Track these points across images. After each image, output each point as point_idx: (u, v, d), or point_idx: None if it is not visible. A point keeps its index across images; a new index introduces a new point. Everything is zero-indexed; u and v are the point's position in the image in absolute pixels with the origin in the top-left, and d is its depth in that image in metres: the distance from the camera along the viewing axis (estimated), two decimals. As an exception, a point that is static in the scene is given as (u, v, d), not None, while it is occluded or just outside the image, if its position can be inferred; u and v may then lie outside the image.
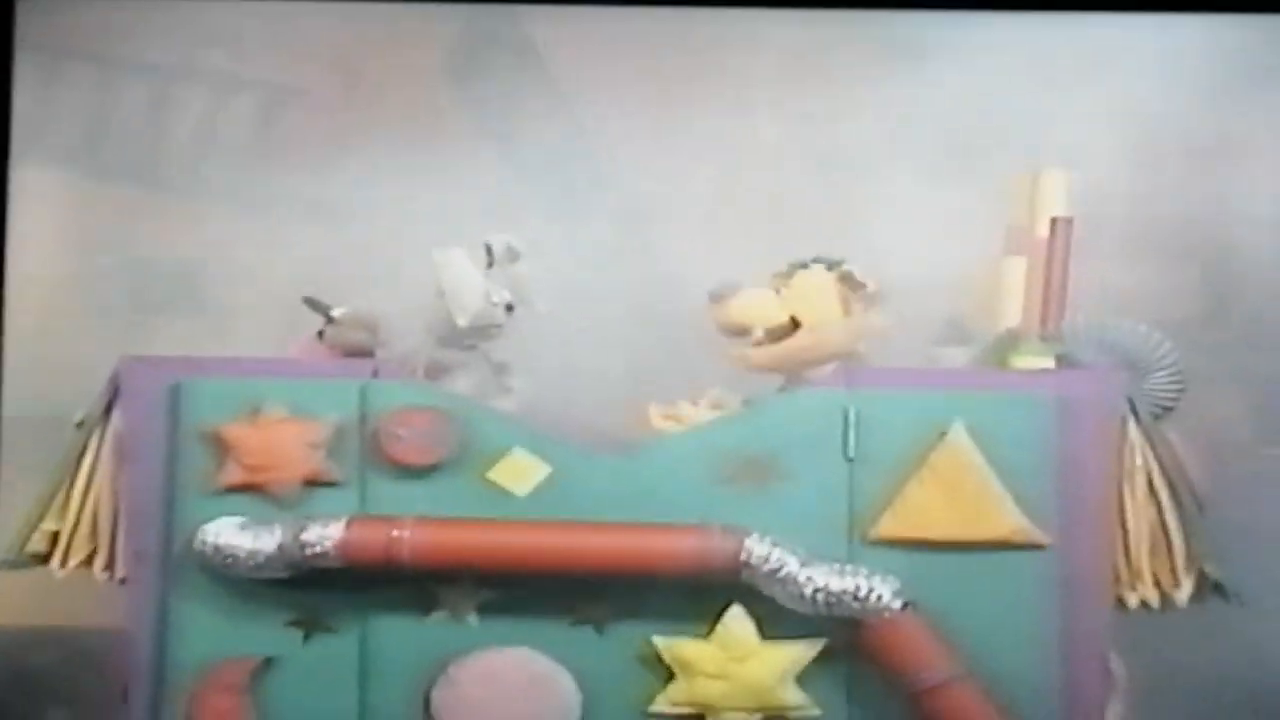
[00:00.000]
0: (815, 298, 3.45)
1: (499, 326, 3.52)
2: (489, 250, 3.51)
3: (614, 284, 4.11)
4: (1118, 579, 3.27)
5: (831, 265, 3.47)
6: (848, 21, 4.01)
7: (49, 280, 4.31)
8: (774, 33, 4.05)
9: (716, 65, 4.10)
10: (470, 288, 3.45)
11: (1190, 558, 3.28)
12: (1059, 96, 4.03)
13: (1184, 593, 3.28)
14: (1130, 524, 3.28)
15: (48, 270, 4.31)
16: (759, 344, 3.46)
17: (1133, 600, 3.29)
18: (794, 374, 3.45)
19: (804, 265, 3.48)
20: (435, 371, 3.49)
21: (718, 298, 3.50)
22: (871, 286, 3.45)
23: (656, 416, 3.48)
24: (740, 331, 3.50)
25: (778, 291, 3.49)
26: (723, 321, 3.51)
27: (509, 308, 3.52)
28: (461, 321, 3.46)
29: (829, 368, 3.41)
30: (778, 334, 3.47)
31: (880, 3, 3.97)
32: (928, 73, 4.07)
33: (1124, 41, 4.09)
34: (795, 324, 3.46)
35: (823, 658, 3.22)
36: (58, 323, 4.27)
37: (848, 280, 3.45)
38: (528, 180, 4.18)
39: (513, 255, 3.52)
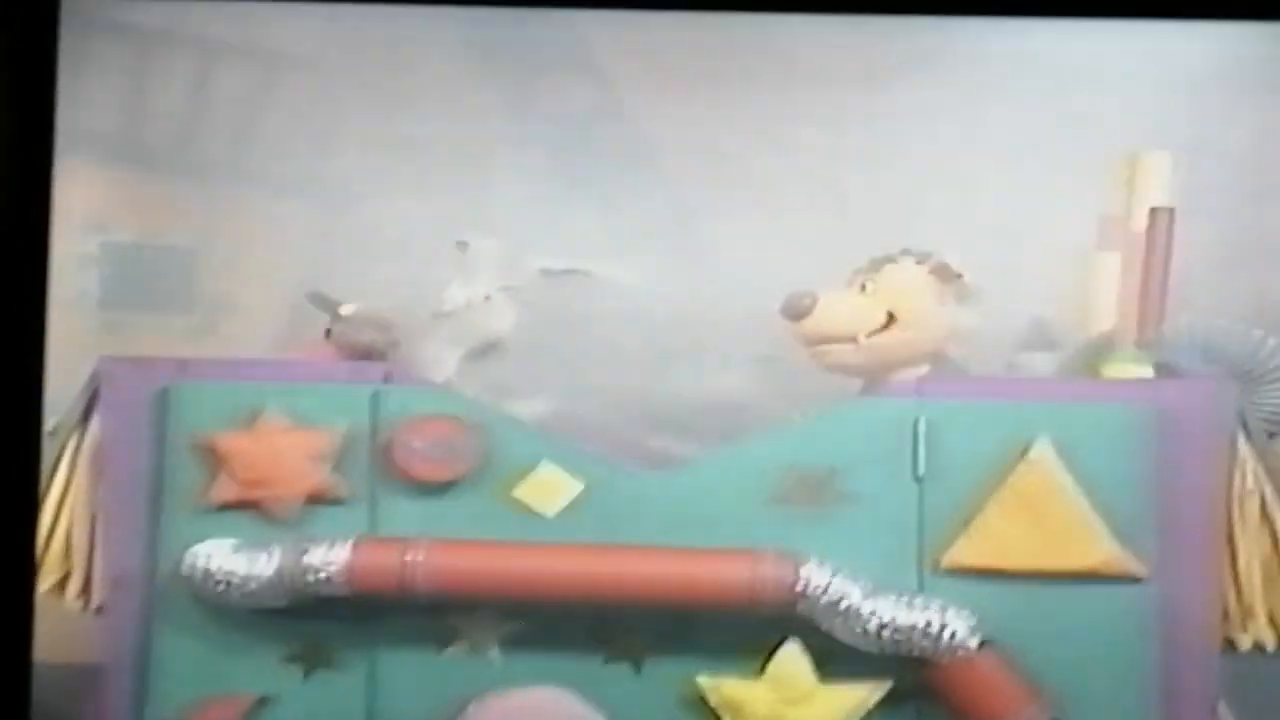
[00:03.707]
0: (909, 292, 3.48)
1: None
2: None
3: (660, 284, 4.09)
4: (1227, 617, 3.24)
5: (921, 258, 3.50)
6: (909, 27, 4.04)
7: (14, 269, 4.29)
8: (832, 35, 4.06)
9: (773, 64, 4.09)
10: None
11: (1312, 593, 3.29)
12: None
13: (1305, 634, 3.29)
14: (1241, 554, 3.25)
15: (12, 258, 4.29)
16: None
17: (1244, 642, 3.25)
18: (880, 376, 3.46)
19: (890, 259, 3.51)
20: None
21: (799, 310, 3.50)
22: (967, 279, 3.47)
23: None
24: (832, 339, 3.51)
25: (863, 288, 3.51)
26: (812, 331, 3.52)
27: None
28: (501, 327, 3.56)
29: (922, 368, 3.43)
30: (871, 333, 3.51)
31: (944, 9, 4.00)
32: (995, 69, 4.08)
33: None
34: (888, 321, 3.49)
35: (888, 701, 3.20)
36: (27, 317, 4.26)
37: (941, 272, 3.47)
38: (558, 163, 4.16)
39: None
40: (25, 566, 3.19)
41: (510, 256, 3.66)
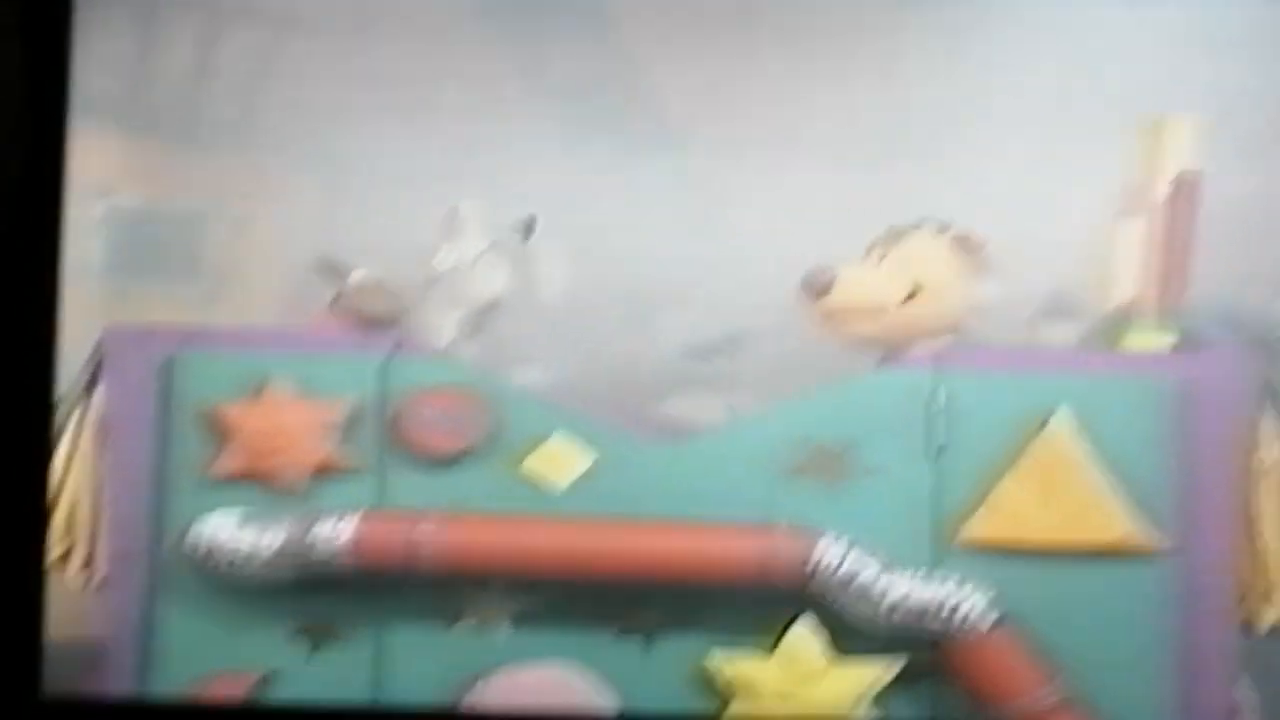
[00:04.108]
0: (931, 262, 3.44)
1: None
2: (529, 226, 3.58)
3: (672, 251, 4.06)
4: (1248, 594, 3.23)
5: (942, 227, 3.45)
6: None
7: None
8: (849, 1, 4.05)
9: (790, 31, 4.06)
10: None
11: (1337, 572, 3.27)
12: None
13: (1328, 612, 3.27)
14: (1262, 530, 3.23)
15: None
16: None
17: (1266, 619, 3.24)
18: (899, 349, 3.42)
19: (910, 229, 3.47)
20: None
21: (821, 287, 3.46)
22: (986, 249, 3.45)
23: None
24: (852, 312, 3.46)
25: (881, 259, 3.47)
26: (836, 307, 3.46)
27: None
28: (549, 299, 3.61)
29: (944, 339, 3.39)
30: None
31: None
32: (1015, 34, 4.05)
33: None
34: (911, 293, 3.45)
35: (902, 680, 3.19)
36: (30, 287, 4.25)
37: (963, 243, 3.44)
38: (569, 131, 4.13)
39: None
40: (36, 543, 3.21)
41: (499, 216, 3.62)
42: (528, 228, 3.56)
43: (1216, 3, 3.82)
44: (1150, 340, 3.34)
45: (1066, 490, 3.18)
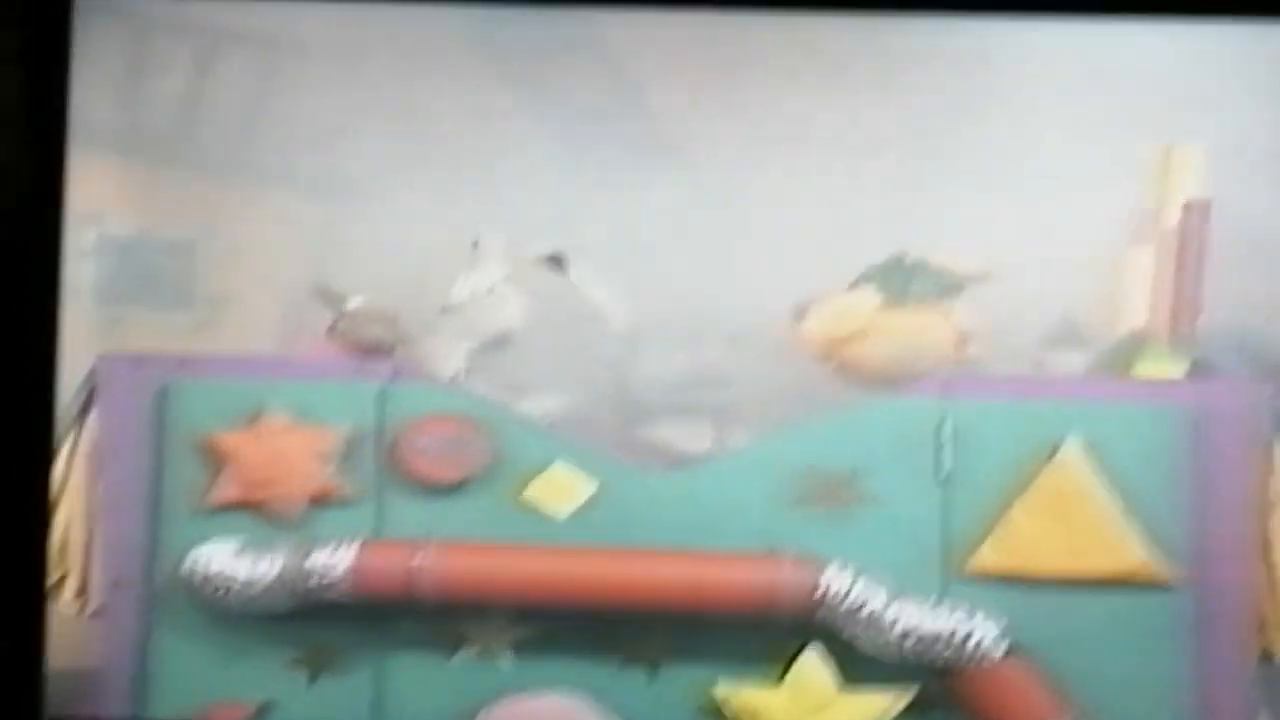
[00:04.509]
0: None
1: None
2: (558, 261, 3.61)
3: (673, 282, 4.06)
4: (1265, 626, 3.21)
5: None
6: (932, 24, 4.04)
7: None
8: (853, 30, 4.05)
9: (792, 59, 4.07)
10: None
11: (1356, 604, 3.26)
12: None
13: (1348, 645, 3.26)
14: (1279, 560, 3.21)
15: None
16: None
17: (1284, 652, 3.26)
18: (892, 381, 3.43)
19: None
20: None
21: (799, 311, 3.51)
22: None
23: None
24: (840, 343, 3.50)
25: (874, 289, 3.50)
26: (814, 334, 3.51)
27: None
28: (617, 325, 3.61)
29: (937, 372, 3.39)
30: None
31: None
32: (1023, 64, 4.08)
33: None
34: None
35: (911, 711, 3.17)
36: (23, 313, 4.24)
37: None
38: (567, 157, 4.13)
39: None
40: (37, 570, 3.20)
41: (516, 249, 3.63)
42: (557, 262, 3.56)
43: (1227, 29, 3.83)
44: (1162, 367, 3.34)
45: (1077, 519, 3.17)
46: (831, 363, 3.52)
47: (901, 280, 3.50)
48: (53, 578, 3.35)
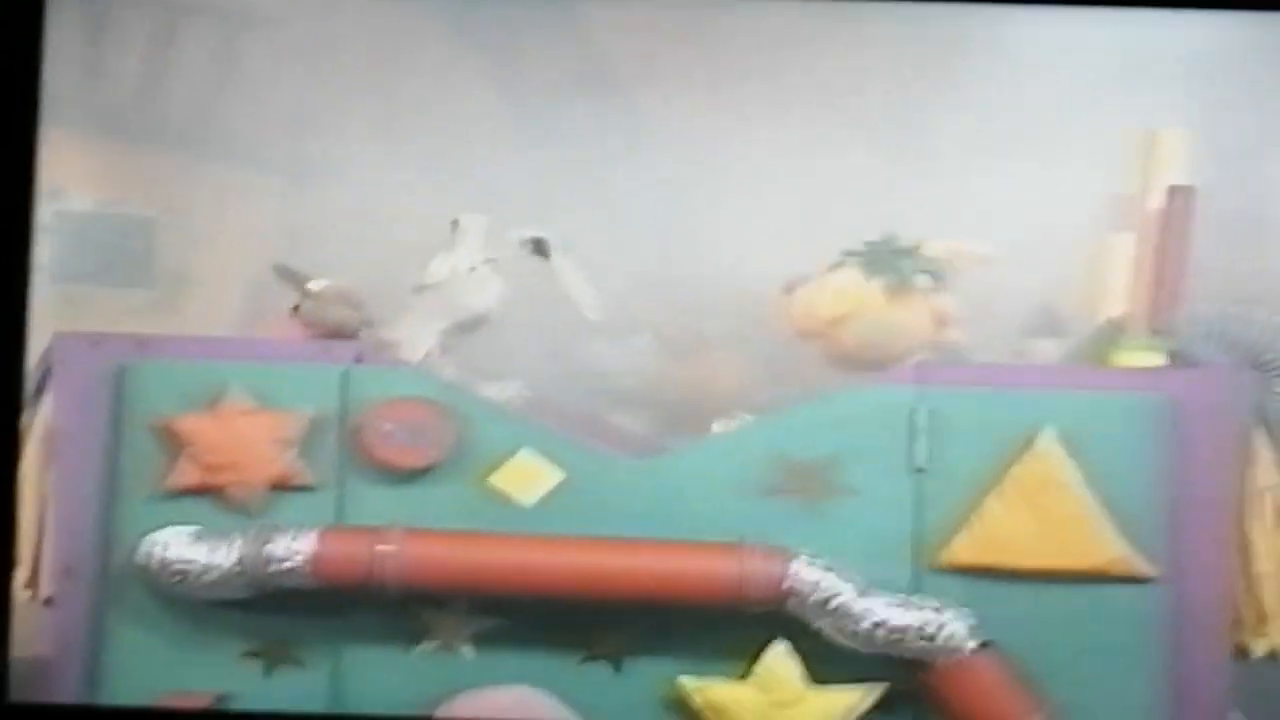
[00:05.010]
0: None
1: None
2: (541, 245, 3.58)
3: (649, 266, 4.05)
4: (1240, 622, 3.21)
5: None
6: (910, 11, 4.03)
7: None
8: (831, 17, 4.04)
9: (769, 44, 4.06)
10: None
11: (1333, 599, 3.25)
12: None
13: (1323, 640, 3.26)
14: (1256, 554, 3.20)
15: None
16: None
17: (1259, 648, 3.22)
18: (870, 364, 3.44)
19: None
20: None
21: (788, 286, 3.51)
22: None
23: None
24: (829, 322, 3.51)
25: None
26: (813, 312, 3.52)
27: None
28: (593, 315, 3.55)
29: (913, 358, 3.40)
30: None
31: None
32: (1001, 50, 4.07)
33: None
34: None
35: (882, 706, 3.16)
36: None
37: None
38: (538, 140, 4.11)
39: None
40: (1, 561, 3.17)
41: (496, 231, 3.61)
42: (540, 247, 3.54)
43: (1210, 18, 3.83)
44: (1140, 357, 3.33)
45: (1053, 511, 3.15)
46: (815, 341, 3.52)
47: (888, 262, 3.49)
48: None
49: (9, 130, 3.13)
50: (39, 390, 3.34)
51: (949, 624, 3.09)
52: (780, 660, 3.15)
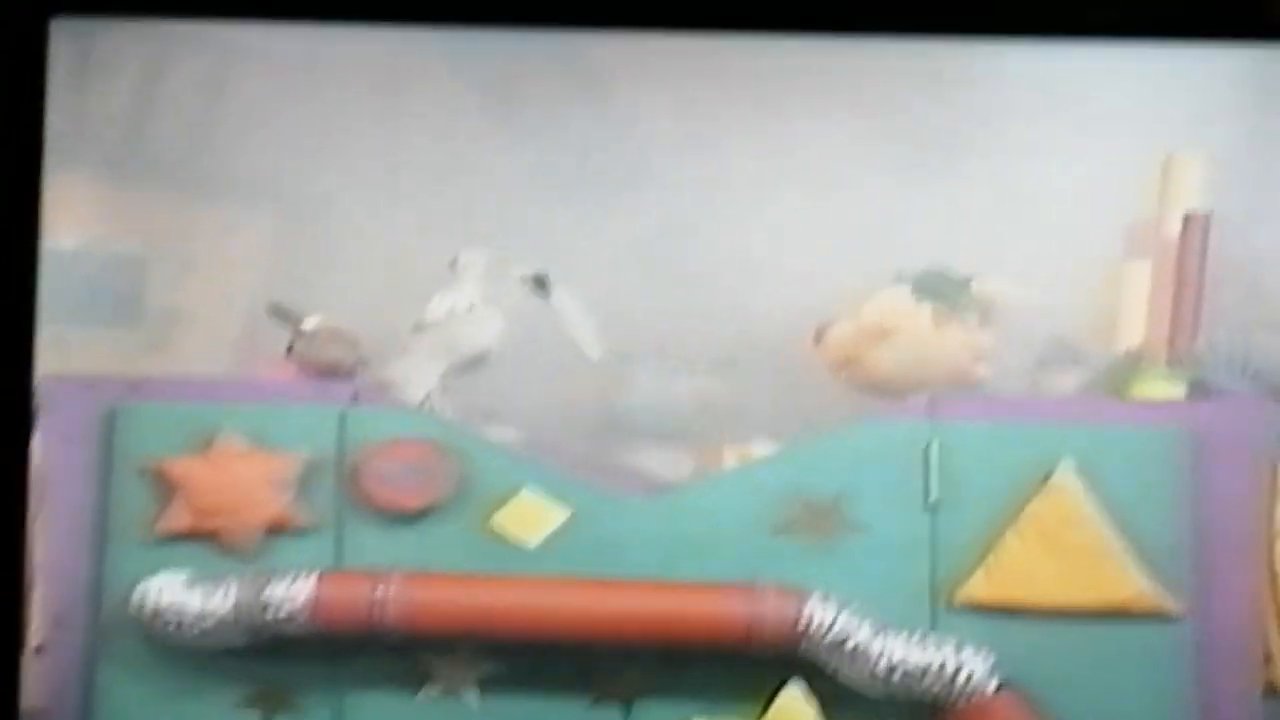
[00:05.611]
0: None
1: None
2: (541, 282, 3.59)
3: (654, 306, 4.03)
4: (1270, 659, 3.18)
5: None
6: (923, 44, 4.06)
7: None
8: (837, 52, 4.05)
9: (776, 80, 4.07)
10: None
11: (1365, 635, 3.23)
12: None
13: (1356, 679, 3.23)
14: (1284, 590, 3.21)
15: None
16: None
17: (1289, 687, 3.22)
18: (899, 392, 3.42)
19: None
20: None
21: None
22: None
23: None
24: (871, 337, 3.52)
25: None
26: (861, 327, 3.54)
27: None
28: (593, 354, 3.57)
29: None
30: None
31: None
32: (1014, 80, 4.07)
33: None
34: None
35: (899, 748, 3.16)
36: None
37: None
38: (539, 177, 4.10)
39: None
40: (13, 612, 3.16)
41: (497, 268, 3.60)
42: (541, 284, 3.53)
43: (1226, 44, 3.84)
44: (1160, 388, 3.32)
45: (1072, 547, 3.13)
46: (847, 368, 3.52)
47: (941, 290, 3.50)
48: (-11, 614, 3.32)
49: (13, 170, 3.11)
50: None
51: (968, 664, 3.05)
52: (795, 702, 3.12)
